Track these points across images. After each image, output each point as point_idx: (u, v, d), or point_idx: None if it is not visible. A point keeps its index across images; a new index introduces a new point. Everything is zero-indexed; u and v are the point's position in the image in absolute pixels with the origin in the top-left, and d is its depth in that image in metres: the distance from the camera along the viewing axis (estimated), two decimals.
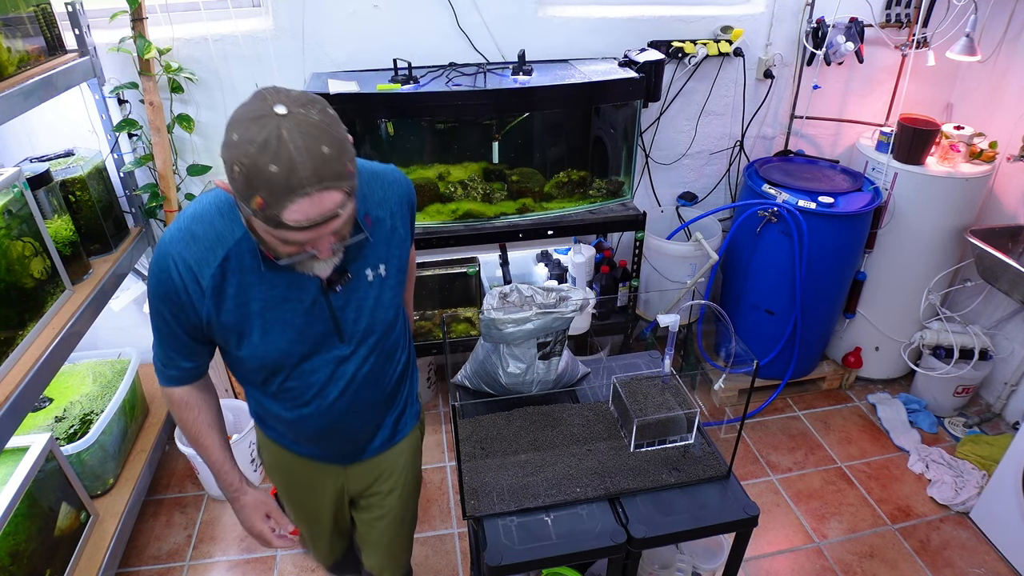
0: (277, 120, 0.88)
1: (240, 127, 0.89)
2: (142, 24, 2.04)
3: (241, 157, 0.88)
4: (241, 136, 0.89)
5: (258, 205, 0.90)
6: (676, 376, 1.54)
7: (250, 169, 0.88)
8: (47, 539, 1.77)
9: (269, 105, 0.89)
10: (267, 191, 0.89)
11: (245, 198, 0.91)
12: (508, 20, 2.39)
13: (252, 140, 0.88)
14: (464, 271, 2.58)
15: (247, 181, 0.89)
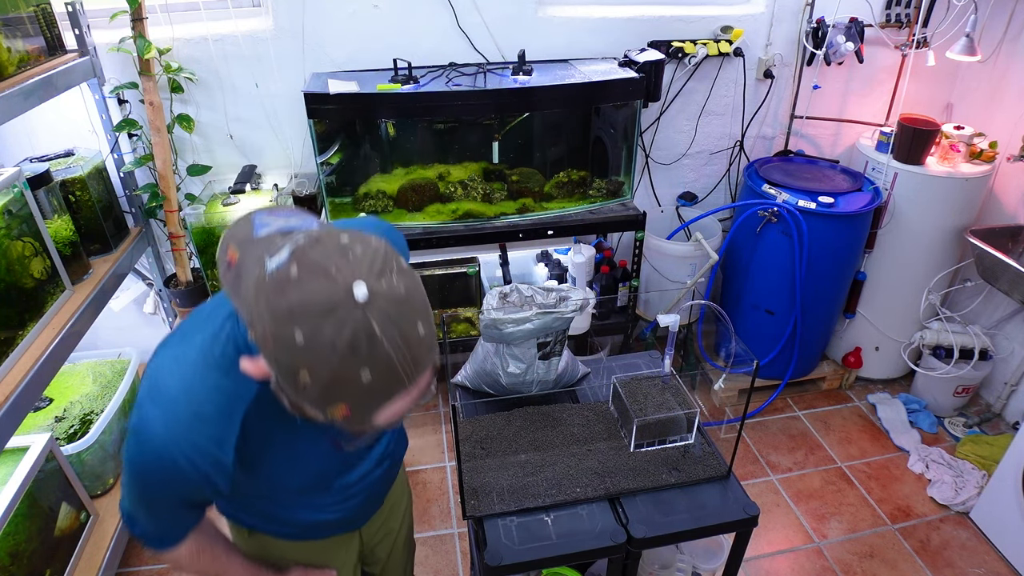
0: (361, 311, 0.67)
1: (306, 324, 0.66)
2: (142, 24, 2.04)
3: (316, 366, 0.67)
4: (311, 338, 0.66)
5: (340, 416, 0.72)
6: (676, 376, 1.54)
7: (332, 380, 0.68)
8: (47, 539, 1.77)
9: (341, 286, 0.67)
10: (356, 402, 0.71)
11: (319, 406, 0.71)
12: (508, 20, 2.39)
13: (331, 344, 0.66)
14: (464, 271, 2.58)
15: (326, 393, 0.69)
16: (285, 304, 0.67)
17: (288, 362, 0.68)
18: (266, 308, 0.68)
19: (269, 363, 0.71)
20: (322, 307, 0.66)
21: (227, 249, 0.78)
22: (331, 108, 2.07)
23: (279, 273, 0.68)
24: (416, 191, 2.34)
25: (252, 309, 0.70)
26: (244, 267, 0.75)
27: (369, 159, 2.36)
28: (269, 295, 0.68)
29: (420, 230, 2.30)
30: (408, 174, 2.36)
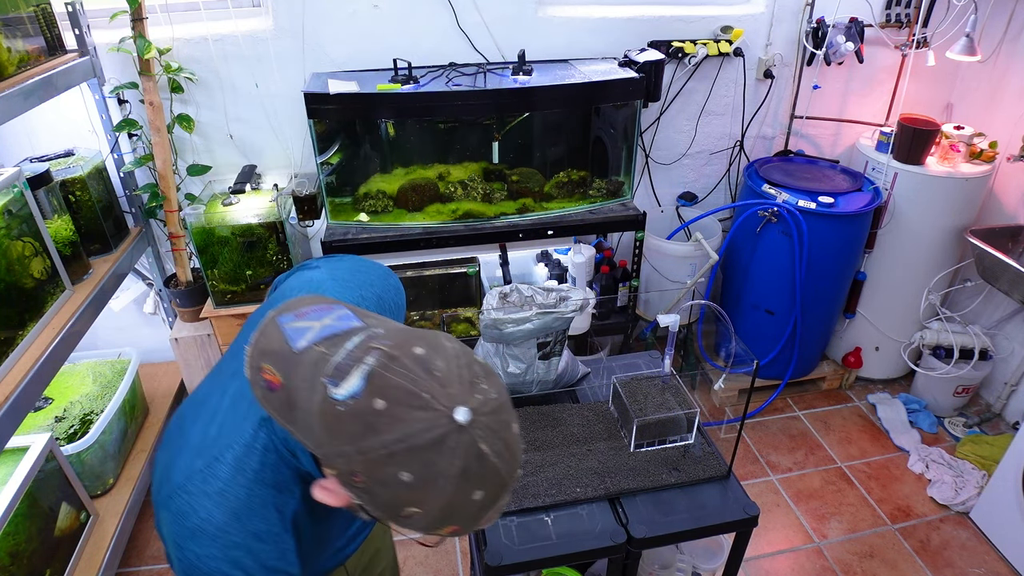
0: (468, 436, 0.62)
1: (412, 463, 0.61)
2: (142, 24, 2.04)
3: (427, 500, 0.63)
4: (420, 476, 0.61)
5: (449, 532, 0.69)
6: (676, 376, 1.54)
7: (444, 508, 0.64)
8: (47, 539, 1.77)
9: (442, 414, 0.62)
10: (466, 520, 0.67)
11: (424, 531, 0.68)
12: (508, 20, 2.39)
13: (443, 475, 0.62)
14: (464, 271, 2.58)
15: (436, 521, 0.66)
16: (380, 443, 0.61)
17: (391, 500, 0.64)
18: (354, 449, 0.62)
19: (358, 495, 0.66)
20: (428, 443, 0.61)
21: (261, 369, 0.68)
22: (331, 108, 2.07)
23: (358, 405, 0.61)
24: (416, 191, 2.34)
25: (327, 446, 0.64)
26: (295, 392, 0.66)
27: (369, 159, 2.36)
28: (354, 434, 0.62)
29: (420, 230, 2.30)
30: (408, 174, 2.36)
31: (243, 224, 2.19)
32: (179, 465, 0.78)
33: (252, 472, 0.76)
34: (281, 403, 0.66)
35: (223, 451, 0.76)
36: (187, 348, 2.40)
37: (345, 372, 0.63)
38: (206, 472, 0.76)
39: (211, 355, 2.42)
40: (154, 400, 2.55)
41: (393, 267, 2.51)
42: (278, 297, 0.98)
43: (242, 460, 0.76)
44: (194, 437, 0.80)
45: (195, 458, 0.77)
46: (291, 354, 0.67)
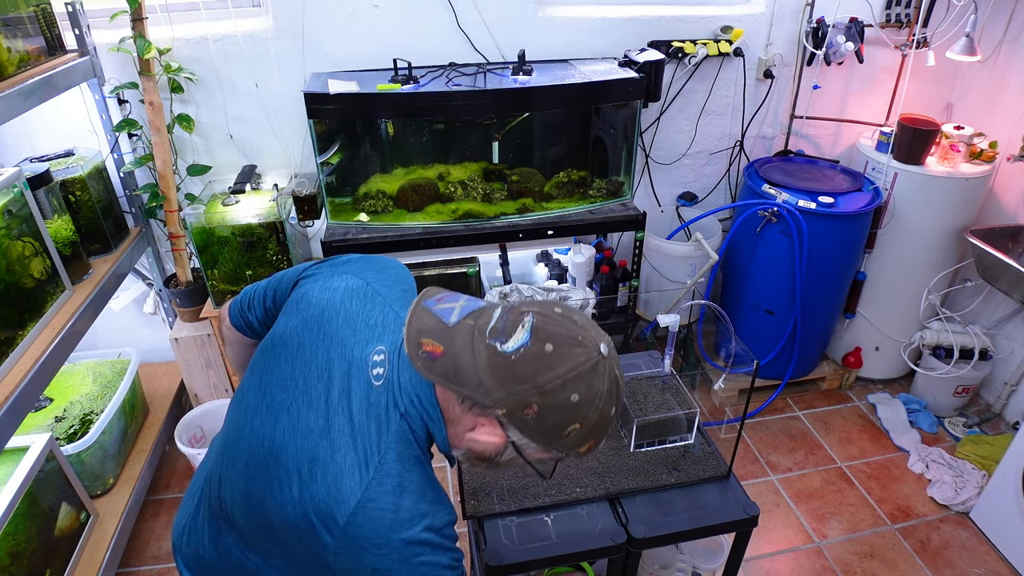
0: (610, 363, 0.83)
1: (579, 385, 0.79)
2: (142, 24, 2.04)
3: (588, 415, 0.81)
4: (585, 395, 0.80)
5: (588, 448, 0.86)
6: (676, 376, 1.54)
7: (596, 423, 0.82)
8: (47, 539, 1.77)
9: (592, 348, 0.81)
10: (601, 435, 0.85)
11: (570, 449, 0.85)
12: (508, 20, 2.39)
13: (599, 394, 0.81)
14: (464, 271, 2.58)
15: (587, 435, 0.83)
16: (555, 376, 0.79)
17: (559, 421, 0.80)
18: (530, 385, 0.79)
19: (523, 427, 0.81)
20: (589, 369, 0.80)
21: (420, 344, 0.83)
22: (331, 108, 2.07)
23: (528, 352, 0.79)
24: (416, 191, 2.34)
25: (499, 391, 0.80)
26: (458, 357, 0.82)
27: (369, 159, 2.36)
28: (532, 372, 0.79)
29: (420, 230, 2.30)
30: (408, 174, 2.36)
31: (243, 224, 2.19)
32: (347, 484, 0.85)
33: (413, 457, 0.88)
34: (446, 368, 0.82)
35: (384, 453, 0.86)
36: (187, 348, 2.40)
37: (510, 331, 0.81)
38: (379, 476, 0.85)
39: (211, 355, 2.42)
40: (154, 400, 2.55)
41: None
42: (316, 314, 1.01)
43: (402, 453, 0.87)
44: (347, 457, 0.87)
45: (359, 472, 0.86)
46: (446, 328, 0.84)
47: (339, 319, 0.98)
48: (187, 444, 2.35)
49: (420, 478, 0.88)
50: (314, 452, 0.89)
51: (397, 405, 0.88)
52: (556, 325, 0.82)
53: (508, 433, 0.84)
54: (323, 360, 0.95)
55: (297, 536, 0.90)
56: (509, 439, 0.85)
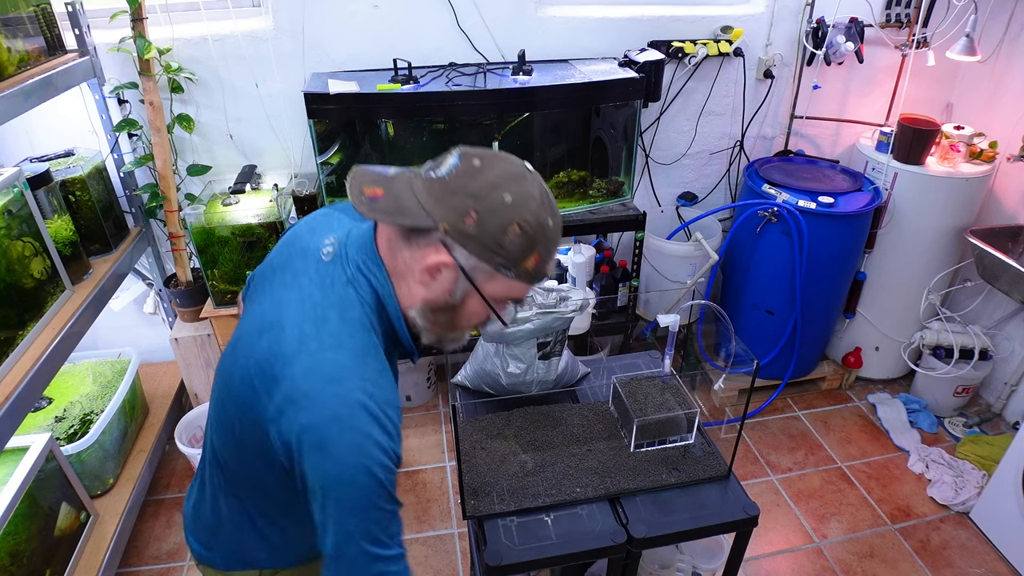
0: (535, 177, 0.87)
1: (510, 187, 0.84)
2: (142, 24, 2.04)
3: (524, 216, 0.84)
4: (517, 195, 0.83)
5: (534, 263, 0.87)
6: (676, 376, 1.54)
7: (535, 227, 0.85)
8: (47, 539, 1.77)
9: (519, 164, 0.87)
10: (544, 246, 0.87)
11: (517, 260, 0.86)
12: (508, 20, 2.39)
13: (531, 196, 0.84)
14: None
15: (528, 241, 0.85)
16: (485, 180, 0.83)
17: (498, 223, 0.83)
18: (464, 195, 0.83)
19: (469, 242, 0.84)
20: (517, 174, 0.86)
21: (363, 191, 0.88)
22: (331, 108, 2.07)
23: (461, 168, 0.85)
24: None
25: (439, 208, 0.83)
26: (399, 195, 0.86)
27: (369, 159, 2.36)
28: (465, 184, 0.83)
29: None
30: None
31: (243, 224, 2.19)
32: (287, 337, 0.87)
33: (356, 321, 0.89)
34: (388, 205, 0.86)
35: (327, 312, 0.88)
36: (187, 348, 2.40)
37: (440, 162, 0.87)
38: (319, 332, 0.87)
39: (211, 355, 2.42)
40: (154, 400, 2.55)
41: None
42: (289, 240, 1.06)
43: (345, 314, 0.89)
44: (289, 316, 0.89)
45: (301, 326, 0.87)
46: (386, 177, 0.89)
47: (304, 234, 1.03)
48: (187, 444, 2.35)
49: (363, 343, 0.88)
50: (262, 322, 0.92)
51: (344, 271, 0.91)
52: (481, 150, 0.88)
53: (455, 255, 0.85)
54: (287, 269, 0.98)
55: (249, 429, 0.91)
56: (458, 264, 0.86)
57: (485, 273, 0.87)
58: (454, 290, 0.89)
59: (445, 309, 0.91)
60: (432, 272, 0.87)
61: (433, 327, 0.94)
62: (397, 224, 0.87)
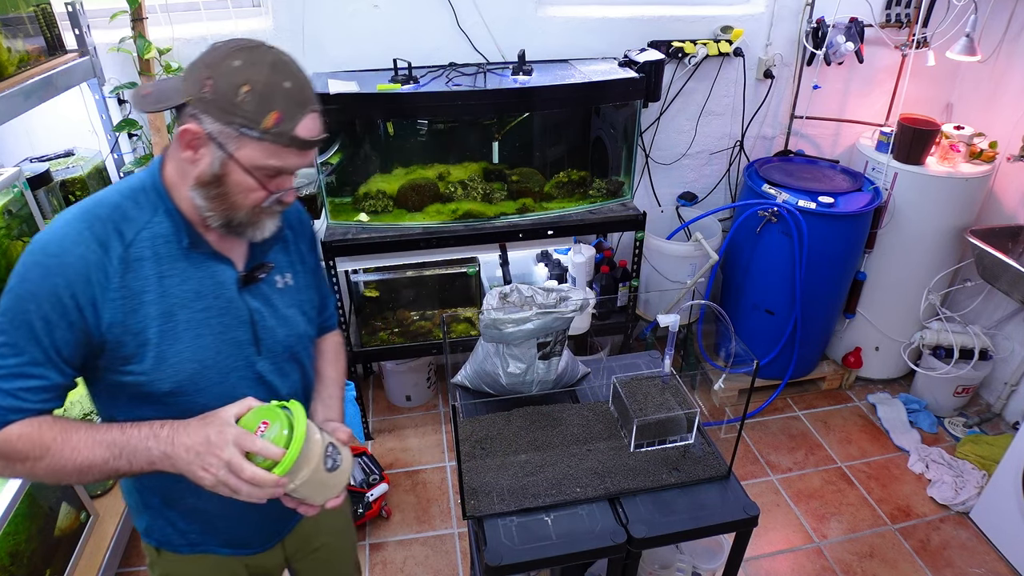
0: (274, 49, 0.93)
1: (240, 55, 0.90)
2: (142, 24, 2.04)
3: (253, 76, 0.89)
4: (247, 60, 0.89)
5: (274, 121, 0.90)
6: (676, 376, 1.54)
7: (265, 86, 0.89)
8: (47, 539, 1.77)
9: (254, 41, 0.93)
10: (283, 105, 0.91)
11: (254, 118, 0.89)
12: (508, 20, 2.39)
13: (261, 61, 0.90)
14: (464, 271, 2.58)
15: (261, 99, 0.89)
16: (220, 52, 0.90)
17: (229, 83, 0.88)
18: (203, 65, 0.90)
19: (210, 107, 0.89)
20: (249, 46, 0.91)
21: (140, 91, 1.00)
22: (331, 108, 2.07)
23: (207, 50, 0.92)
24: (416, 191, 2.34)
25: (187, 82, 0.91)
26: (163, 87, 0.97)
27: (369, 159, 2.36)
28: (203, 59, 0.91)
29: (420, 230, 2.30)
30: (408, 174, 2.36)
31: None
32: None
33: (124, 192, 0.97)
34: (153, 96, 0.96)
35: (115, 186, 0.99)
36: None
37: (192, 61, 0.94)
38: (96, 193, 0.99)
39: None
40: None
41: (393, 267, 2.52)
42: None
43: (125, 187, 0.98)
44: None
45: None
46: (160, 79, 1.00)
47: None
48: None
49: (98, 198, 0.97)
50: None
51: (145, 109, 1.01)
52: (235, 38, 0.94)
53: (203, 124, 0.90)
54: None
55: None
56: (206, 132, 0.90)
57: (231, 138, 0.90)
58: (213, 160, 0.92)
59: (213, 183, 0.94)
60: (186, 143, 0.92)
61: (212, 204, 0.96)
62: (162, 109, 0.96)
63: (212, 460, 0.88)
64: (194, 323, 0.97)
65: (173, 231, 0.97)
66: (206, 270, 0.99)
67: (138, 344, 0.93)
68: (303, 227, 1.19)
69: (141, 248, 0.94)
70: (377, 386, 3.01)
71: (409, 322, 2.63)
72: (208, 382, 0.99)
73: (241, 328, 1.03)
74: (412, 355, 2.69)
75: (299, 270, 1.15)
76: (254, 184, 0.94)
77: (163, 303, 0.95)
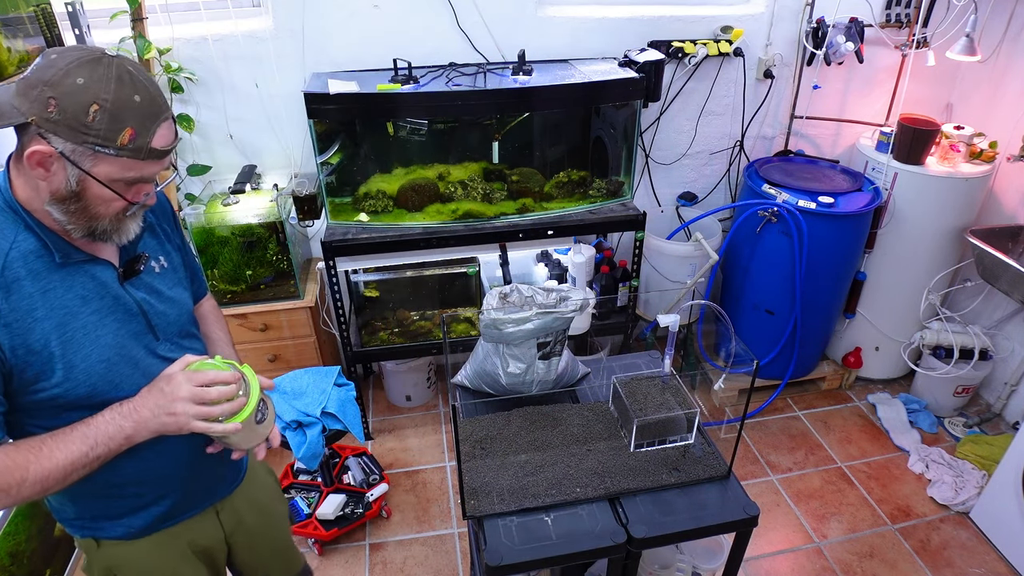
0: (116, 60, 0.90)
1: (82, 71, 0.87)
2: (142, 24, 2.04)
3: (101, 94, 0.87)
4: (90, 77, 0.87)
5: (128, 137, 0.90)
6: (676, 376, 1.54)
7: (115, 103, 0.88)
8: (47, 539, 1.77)
9: (96, 50, 0.90)
10: (136, 120, 0.90)
11: (108, 137, 0.88)
12: (508, 20, 2.39)
13: (106, 77, 0.88)
14: (464, 271, 2.58)
15: (113, 117, 0.88)
16: (59, 68, 0.87)
17: (77, 103, 0.86)
18: (43, 84, 0.86)
19: (59, 128, 0.87)
20: (90, 58, 0.88)
21: None
22: (331, 108, 2.07)
23: (41, 63, 0.88)
24: (416, 191, 2.34)
25: (26, 102, 0.87)
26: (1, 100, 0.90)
27: (369, 159, 2.36)
28: (40, 76, 0.87)
29: (420, 230, 2.30)
30: (408, 174, 2.36)
31: (243, 224, 2.19)
32: None
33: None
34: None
35: None
36: None
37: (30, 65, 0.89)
38: None
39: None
40: None
41: (393, 267, 2.52)
42: None
43: None
44: None
45: None
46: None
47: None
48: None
49: None
50: None
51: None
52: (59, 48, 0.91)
53: (52, 144, 0.88)
54: None
55: None
56: (58, 151, 0.88)
57: (87, 156, 0.89)
58: (67, 177, 0.91)
59: (71, 198, 0.93)
60: (35, 163, 0.89)
61: (72, 218, 0.95)
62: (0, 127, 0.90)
63: (177, 405, 0.99)
64: (90, 326, 0.99)
65: (41, 246, 0.96)
66: (86, 274, 1.00)
67: (43, 361, 0.95)
68: (161, 206, 1.20)
69: (15, 269, 0.93)
70: (377, 386, 3.01)
71: (409, 322, 2.63)
72: (120, 376, 1.02)
73: (134, 320, 1.06)
74: (412, 355, 2.69)
75: (169, 249, 1.18)
76: (113, 195, 0.94)
77: (55, 316, 0.96)
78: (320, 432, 1.95)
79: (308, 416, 1.94)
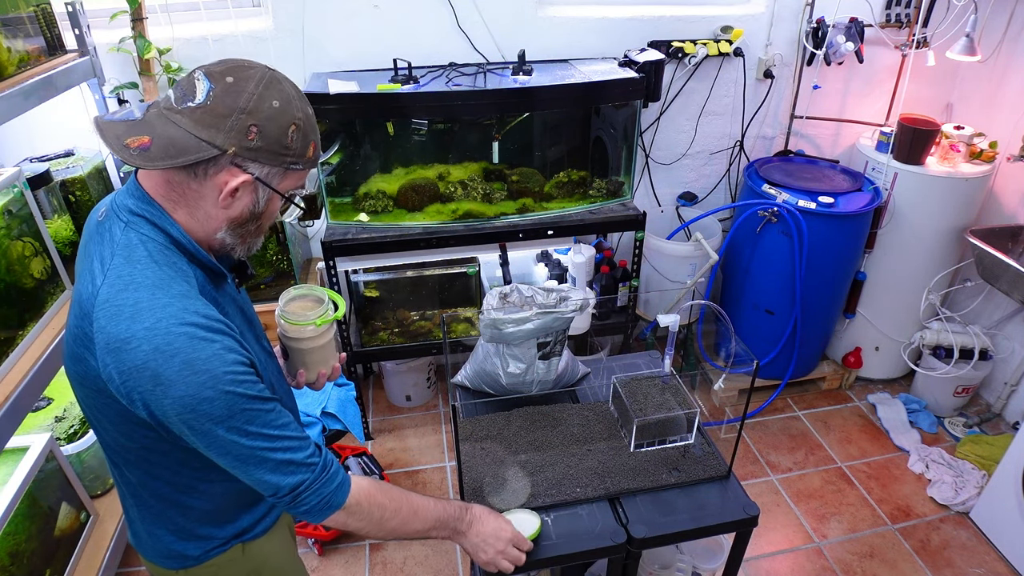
0: (279, 74, 0.92)
1: (271, 93, 0.88)
2: (142, 24, 2.04)
3: (296, 114, 0.90)
4: (280, 98, 0.89)
5: (313, 150, 0.95)
6: (676, 376, 1.54)
7: (306, 121, 0.92)
8: (47, 539, 1.77)
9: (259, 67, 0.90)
10: (315, 133, 0.95)
11: (301, 154, 0.92)
12: (508, 20, 2.39)
13: (291, 96, 0.90)
14: (464, 271, 2.58)
15: (305, 134, 0.92)
16: (249, 94, 0.86)
17: (278, 127, 0.88)
18: (238, 112, 0.85)
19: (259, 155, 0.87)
20: (271, 78, 0.89)
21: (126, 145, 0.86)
22: (331, 108, 2.07)
23: (217, 91, 0.85)
24: (416, 191, 2.34)
25: (219, 133, 0.85)
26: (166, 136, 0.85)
27: (369, 159, 2.36)
28: (230, 106, 0.85)
29: (420, 230, 2.30)
30: (408, 174, 2.36)
31: None
32: (85, 297, 0.88)
33: (144, 259, 0.89)
34: (162, 150, 0.84)
35: (112, 261, 0.88)
36: None
37: (190, 90, 0.86)
38: (107, 280, 0.87)
39: None
40: None
41: (393, 267, 2.52)
42: None
43: (130, 256, 0.88)
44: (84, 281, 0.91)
45: (91, 283, 0.88)
46: (138, 122, 0.87)
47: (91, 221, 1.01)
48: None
49: (156, 276, 0.88)
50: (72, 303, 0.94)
51: (119, 219, 0.91)
52: (222, 65, 0.88)
53: (250, 170, 0.89)
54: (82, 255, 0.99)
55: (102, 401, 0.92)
56: (254, 177, 0.89)
57: (278, 175, 0.92)
58: (257, 200, 0.93)
59: (252, 219, 0.95)
60: (229, 193, 0.90)
61: (243, 239, 0.98)
62: (180, 166, 0.86)
63: (492, 547, 1.17)
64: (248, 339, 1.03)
65: (204, 274, 0.97)
66: (226, 292, 1.04)
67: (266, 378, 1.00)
68: None
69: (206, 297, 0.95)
70: (377, 386, 3.01)
71: (409, 322, 2.63)
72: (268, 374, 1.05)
73: (254, 323, 1.14)
74: (412, 355, 2.69)
75: None
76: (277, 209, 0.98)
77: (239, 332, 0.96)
78: (320, 432, 1.95)
79: (308, 416, 1.94)
